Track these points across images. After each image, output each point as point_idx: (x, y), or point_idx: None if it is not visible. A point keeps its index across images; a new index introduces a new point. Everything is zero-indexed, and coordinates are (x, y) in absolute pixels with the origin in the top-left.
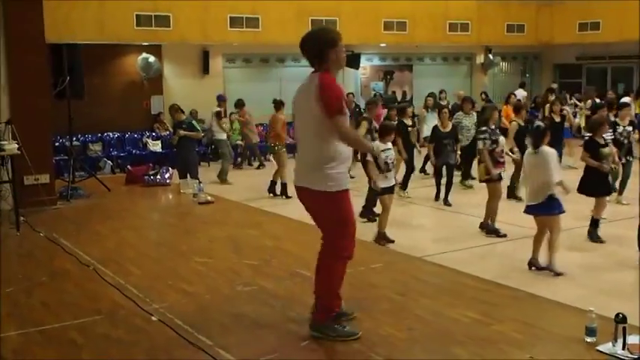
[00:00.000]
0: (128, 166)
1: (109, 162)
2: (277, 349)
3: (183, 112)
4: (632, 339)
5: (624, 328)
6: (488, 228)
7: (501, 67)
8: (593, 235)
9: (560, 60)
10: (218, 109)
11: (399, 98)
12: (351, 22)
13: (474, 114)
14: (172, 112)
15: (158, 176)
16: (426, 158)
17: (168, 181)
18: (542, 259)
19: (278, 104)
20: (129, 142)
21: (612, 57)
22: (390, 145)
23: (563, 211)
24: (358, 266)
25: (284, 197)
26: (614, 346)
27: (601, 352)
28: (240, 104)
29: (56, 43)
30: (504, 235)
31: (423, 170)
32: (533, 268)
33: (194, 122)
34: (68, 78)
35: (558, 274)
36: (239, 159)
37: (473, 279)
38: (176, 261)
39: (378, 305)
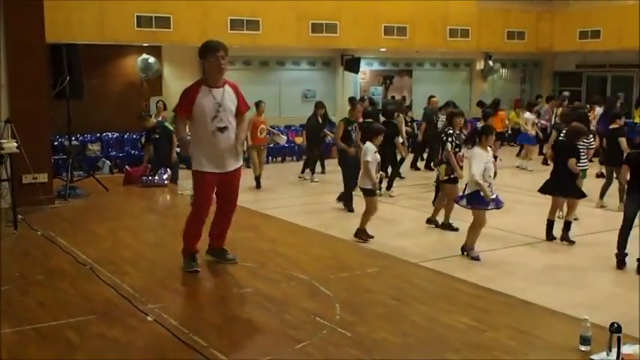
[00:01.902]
0: (126, 167)
1: (108, 162)
2: (272, 352)
3: (150, 116)
4: (626, 349)
5: (619, 338)
6: (437, 224)
7: (501, 74)
8: (566, 236)
9: (561, 67)
10: None
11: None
12: (351, 27)
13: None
14: (140, 121)
15: (156, 177)
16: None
17: (165, 182)
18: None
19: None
20: (127, 143)
21: (613, 65)
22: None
23: (487, 208)
24: (354, 270)
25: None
26: (608, 355)
27: None
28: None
29: (56, 43)
30: (457, 229)
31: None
32: (465, 253)
33: (166, 124)
34: (68, 78)
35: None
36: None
37: (467, 285)
38: (172, 262)
39: (373, 310)
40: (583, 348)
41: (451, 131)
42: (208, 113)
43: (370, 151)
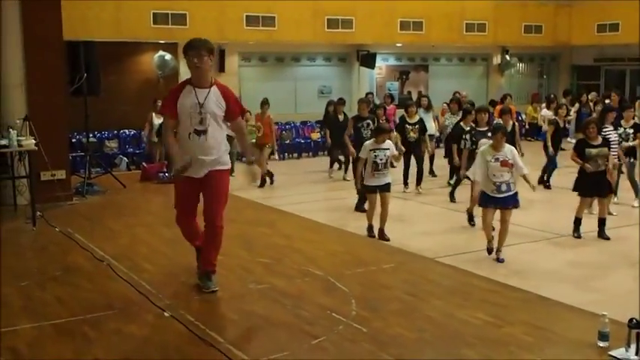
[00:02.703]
0: (143, 164)
1: (125, 159)
2: (288, 348)
3: None
4: None
5: (638, 334)
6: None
7: (518, 68)
8: (602, 233)
9: (578, 61)
10: None
11: (414, 98)
12: (367, 22)
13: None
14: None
15: (168, 174)
16: (432, 159)
17: None
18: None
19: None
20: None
21: (631, 59)
22: (386, 144)
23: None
24: (369, 266)
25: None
26: (627, 351)
27: (613, 357)
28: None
29: (73, 40)
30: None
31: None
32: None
33: None
34: (85, 75)
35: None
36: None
37: (483, 280)
38: (189, 258)
39: (388, 305)
40: (601, 344)
41: (469, 127)
42: (187, 113)
43: (365, 149)
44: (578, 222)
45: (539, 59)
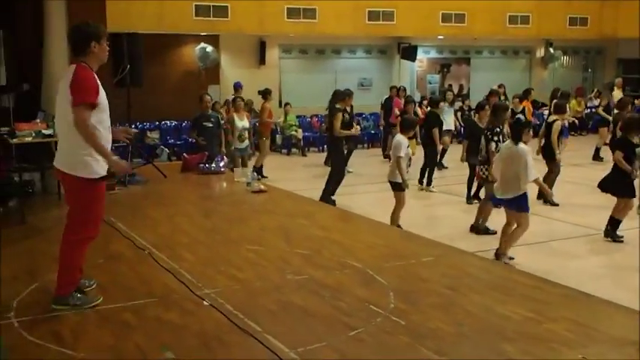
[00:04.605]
0: (184, 154)
1: (166, 150)
2: (325, 338)
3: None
4: None
5: None
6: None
7: (562, 62)
8: (612, 234)
9: (625, 55)
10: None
11: (455, 92)
12: (409, 14)
13: None
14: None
15: (213, 165)
16: (443, 152)
17: (222, 169)
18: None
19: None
20: (185, 131)
21: None
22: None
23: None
24: (409, 259)
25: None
26: None
27: None
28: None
29: (117, 32)
30: (494, 232)
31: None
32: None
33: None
34: (128, 67)
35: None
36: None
37: (524, 275)
38: (228, 248)
39: (427, 299)
40: None
41: (498, 129)
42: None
43: (403, 146)
44: (617, 224)
45: (583, 52)
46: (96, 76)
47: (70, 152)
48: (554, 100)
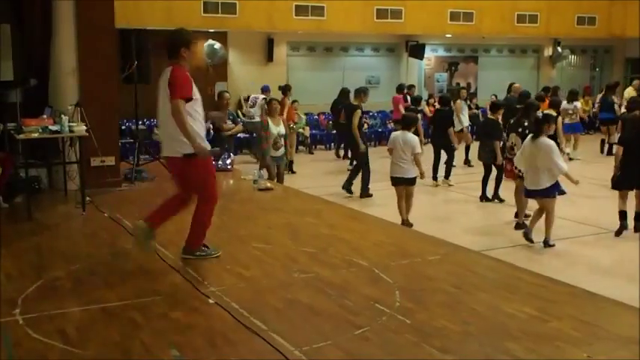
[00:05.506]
0: None
1: None
2: (331, 337)
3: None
4: None
5: None
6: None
7: (570, 61)
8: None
9: (633, 54)
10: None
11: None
12: (417, 12)
13: None
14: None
15: (219, 162)
16: (467, 149)
17: (229, 167)
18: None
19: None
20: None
21: None
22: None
23: (564, 192)
24: (414, 258)
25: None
26: None
27: None
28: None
29: (125, 28)
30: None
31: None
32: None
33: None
34: (136, 63)
35: (551, 246)
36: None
37: (530, 274)
38: (234, 246)
39: (433, 297)
40: None
41: (527, 123)
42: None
43: (419, 144)
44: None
45: (591, 51)
46: (189, 75)
47: (173, 138)
48: (552, 97)
